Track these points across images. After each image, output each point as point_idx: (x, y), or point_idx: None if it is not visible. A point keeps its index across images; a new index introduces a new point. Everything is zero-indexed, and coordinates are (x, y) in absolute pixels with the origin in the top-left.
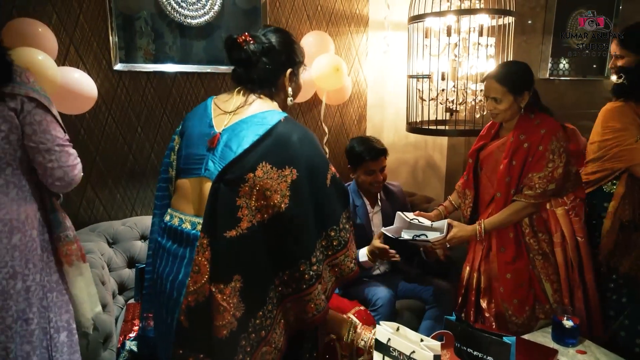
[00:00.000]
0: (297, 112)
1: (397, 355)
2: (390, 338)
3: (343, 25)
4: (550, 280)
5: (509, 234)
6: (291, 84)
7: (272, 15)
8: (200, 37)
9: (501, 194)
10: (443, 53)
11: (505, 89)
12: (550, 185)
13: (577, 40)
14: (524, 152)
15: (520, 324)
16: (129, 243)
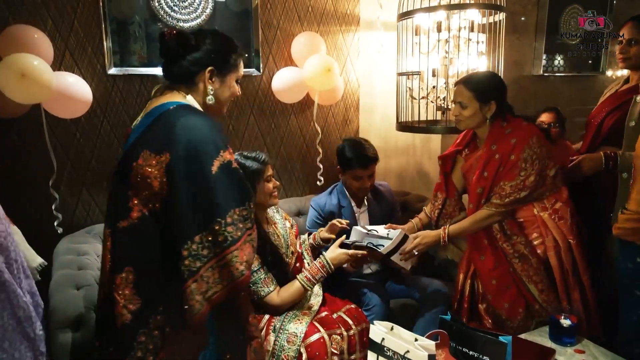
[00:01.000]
0: (289, 113)
1: (391, 355)
2: (384, 337)
3: (334, 25)
4: (533, 281)
5: (483, 240)
6: (213, 83)
7: (264, 17)
8: None
9: (472, 205)
10: (433, 50)
11: (472, 94)
12: (522, 193)
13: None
14: (495, 163)
15: (516, 327)
16: None
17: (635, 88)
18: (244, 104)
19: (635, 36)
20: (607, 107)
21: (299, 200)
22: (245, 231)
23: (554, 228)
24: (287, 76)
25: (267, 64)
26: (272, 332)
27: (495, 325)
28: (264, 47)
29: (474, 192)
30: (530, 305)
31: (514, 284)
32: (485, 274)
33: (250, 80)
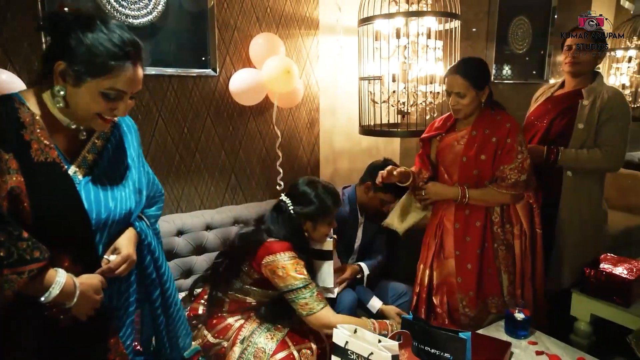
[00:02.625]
0: (248, 116)
1: (355, 358)
2: (347, 341)
3: (293, 28)
4: (508, 271)
5: (476, 222)
6: (61, 80)
7: (220, 17)
8: (145, 38)
9: (459, 183)
10: (393, 55)
11: (468, 83)
12: (522, 177)
13: (518, 46)
14: (492, 146)
15: (473, 317)
16: None
17: (579, 93)
18: (199, 106)
19: (587, 43)
20: (553, 110)
21: (258, 205)
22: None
23: (526, 216)
24: (245, 78)
25: (224, 65)
26: (240, 343)
27: (450, 316)
28: (220, 48)
29: (469, 174)
30: (494, 299)
31: (487, 273)
32: (464, 256)
33: (206, 82)
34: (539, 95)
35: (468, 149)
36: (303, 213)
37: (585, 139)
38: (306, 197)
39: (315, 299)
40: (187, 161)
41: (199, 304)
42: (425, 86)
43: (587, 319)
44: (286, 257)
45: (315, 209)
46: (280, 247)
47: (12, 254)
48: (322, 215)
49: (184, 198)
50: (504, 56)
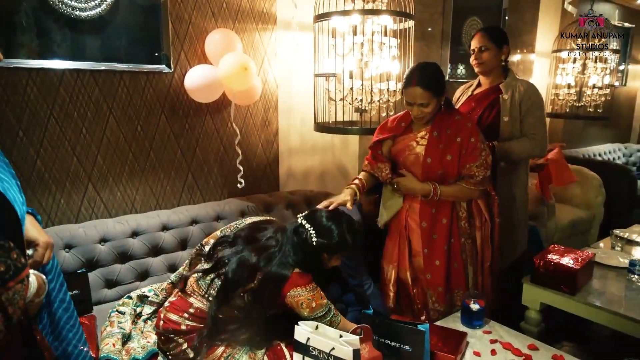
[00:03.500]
0: (204, 113)
1: (316, 354)
2: (309, 337)
3: (250, 24)
4: (472, 264)
5: (442, 220)
6: None
7: (174, 11)
8: (94, 32)
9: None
10: (349, 53)
11: (430, 93)
12: (488, 172)
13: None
14: (457, 145)
15: (442, 311)
16: None
17: (496, 88)
18: (153, 103)
19: (484, 44)
20: (478, 107)
21: (217, 204)
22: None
23: (486, 207)
24: (200, 74)
25: (178, 61)
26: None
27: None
28: (175, 43)
29: (434, 174)
30: (459, 293)
31: (454, 268)
32: (432, 254)
33: (160, 78)
34: (459, 95)
35: (432, 150)
36: (324, 245)
37: (512, 129)
38: (330, 232)
39: (338, 320)
40: (141, 160)
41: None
42: (381, 84)
43: (537, 307)
44: (310, 289)
45: (336, 244)
46: (304, 280)
47: (10, 267)
48: (341, 250)
49: (139, 198)
50: (458, 56)
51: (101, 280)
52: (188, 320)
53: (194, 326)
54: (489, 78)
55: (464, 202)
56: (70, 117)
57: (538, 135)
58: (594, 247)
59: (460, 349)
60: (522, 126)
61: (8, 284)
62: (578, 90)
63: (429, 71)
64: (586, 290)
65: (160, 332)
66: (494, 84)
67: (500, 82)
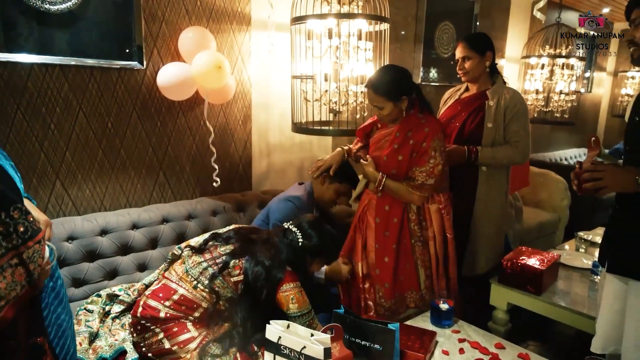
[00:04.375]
0: (177, 111)
1: (288, 352)
2: (280, 336)
3: (225, 23)
4: (424, 266)
5: (393, 219)
6: None
7: (147, 7)
8: (64, 26)
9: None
10: (325, 55)
11: (383, 98)
12: (429, 180)
13: (444, 50)
14: (409, 147)
15: (388, 307)
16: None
17: (483, 94)
18: (124, 100)
19: (466, 53)
20: (463, 111)
21: (189, 203)
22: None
23: (437, 221)
24: (173, 72)
25: (151, 58)
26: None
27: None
28: (147, 40)
29: (385, 168)
30: (412, 293)
31: (404, 267)
32: (381, 251)
33: (132, 75)
34: (447, 98)
35: (389, 148)
36: (308, 247)
37: (495, 135)
38: (312, 237)
39: (315, 318)
40: (111, 157)
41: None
42: (356, 86)
43: (505, 307)
44: (297, 286)
45: (319, 248)
46: (294, 277)
47: (28, 228)
48: (322, 255)
49: (108, 196)
50: (431, 59)
51: (68, 279)
52: (168, 308)
53: (173, 314)
54: (477, 84)
55: (414, 206)
56: (38, 112)
57: (521, 142)
58: (560, 248)
59: (430, 348)
60: (505, 133)
61: (28, 243)
62: (546, 95)
63: (384, 77)
64: (551, 291)
65: (137, 320)
66: (481, 90)
67: (487, 88)
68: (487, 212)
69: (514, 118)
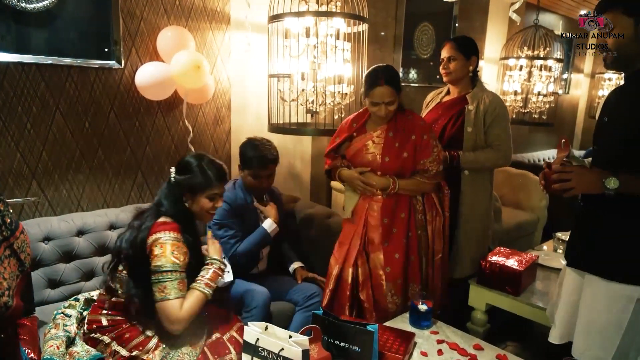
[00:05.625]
0: (155, 111)
1: (265, 354)
2: (258, 338)
3: (204, 22)
4: (425, 255)
5: (401, 214)
6: None
7: (125, 6)
8: (41, 25)
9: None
10: (303, 54)
11: (396, 91)
12: (440, 167)
13: (423, 51)
14: (412, 143)
15: (400, 303)
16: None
17: (464, 98)
18: (102, 100)
19: (452, 54)
20: (444, 115)
21: None
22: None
23: (438, 201)
24: (152, 71)
25: (129, 57)
26: (162, 347)
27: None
28: (125, 39)
29: (388, 169)
30: (413, 286)
31: (412, 259)
32: (392, 247)
33: (110, 74)
34: (429, 100)
35: (389, 149)
36: (183, 182)
37: (475, 139)
38: (188, 167)
39: (174, 287)
40: (88, 157)
41: (100, 314)
42: (333, 86)
43: (483, 308)
44: (168, 236)
45: (193, 178)
46: (166, 227)
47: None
48: (201, 187)
49: (85, 196)
50: (410, 60)
51: (44, 280)
52: (108, 314)
53: (115, 320)
54: (458, 87)
55: (419, 196)
56: (14, 111)
57: (503, 146)
58: (538, 249)
59: (408, 349)
60: (487, 137)
61: (15, 233)
62: (524, 97)
63: (393, 70)
64: (530, 292)
65: (87, 337)
66: (462, 94)
67: (468, 92)
68: (473, 215)
69: (494, 122)
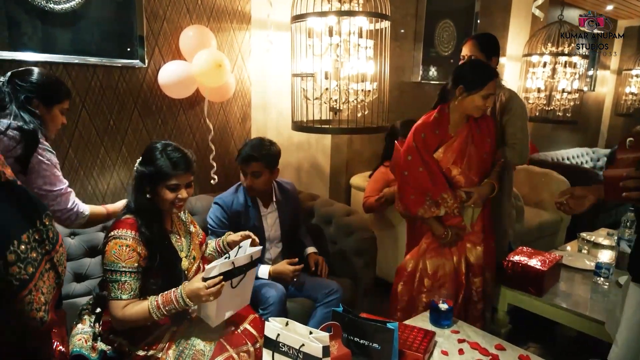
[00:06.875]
0: (177, 109)
1: (286, 350)
2: (279, 334)
3: (225, 22)
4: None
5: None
6: None
7: (149, 6)
8: (67, 25)
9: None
10: (325, 53)
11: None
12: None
13: (443, 48)
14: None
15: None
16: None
17: None
18: (126, 98)
19: (474, 53)
20: None
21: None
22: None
23: None
24: (174, 70)
25: (152, 56)
26: (175, 345)
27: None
28: (149, 39)
29: (487, 164)
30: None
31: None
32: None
33: (133, 73)
34: None
35: (483, 145)
36: (140, 172)
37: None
38: (150, 156)
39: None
40: (112, 155)
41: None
42: (356, 84)
43: (505, 308)
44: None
45: (152, 168)
46: (122, 224)
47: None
48: (159, 176)
49: (110, 193)
50: (431, 58)
51: (70, 274)
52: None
53: None
54: None
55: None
56: None
57: (518, 145)
58: (561, 249)
59: (429, 348)
60: (503, 135)
61: (56, 247)
62: (548, 94)
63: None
64: (553, 292)
65: (103, 337)
66: None
67: None
68: (492, 214)
69: (510, 121)
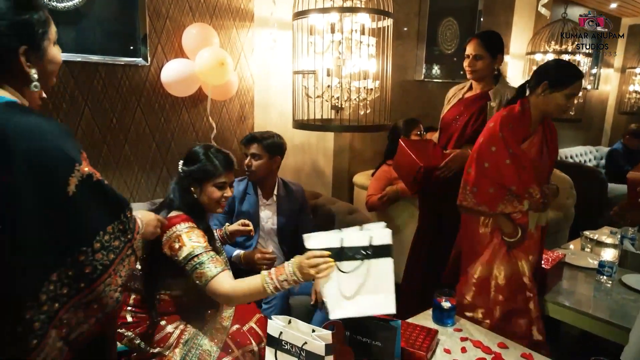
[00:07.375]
0: (180, 107)
1: (289, 348)
2: (282, 331)
3: (227, 20)
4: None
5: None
6: (33, 65)
7: (152, 4)
8: (69, 23)
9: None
10: (327, 51)
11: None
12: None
13: (447, 47)
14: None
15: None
16: None
17: (485, 95)
18: (129, 96)
19: (479, 52)
20: (466, 112)
21: None
22: (120, 252)
23: None
24: (177, 68)
25: (155, 54)
26: (183, 345)
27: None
28: (152, 37)
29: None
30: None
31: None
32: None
33: (136, 71)
34: (451, 96)
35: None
36: (189, 172)
37: None
38: (195, 157)
39: (208, 267)
40: (115, 153)
41: (125, 310)
42: (358, 82)
43: None
44: (181, 228)
45: (199, 167)
46: (177, 219)
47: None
48: (207, 175)
49: None
50: (434, 56)
51: None
52: (132, 310)
53: (138, 316)
54: (480, 84)
55: None
56: (45, 108)
57: None
58: (564, 248)
59: (432, 346)
60: None
61: (135, 235)
62: None
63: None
64: (556, 291)
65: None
66: (484, 90)
67: (490, 88)
68: None
69: None
